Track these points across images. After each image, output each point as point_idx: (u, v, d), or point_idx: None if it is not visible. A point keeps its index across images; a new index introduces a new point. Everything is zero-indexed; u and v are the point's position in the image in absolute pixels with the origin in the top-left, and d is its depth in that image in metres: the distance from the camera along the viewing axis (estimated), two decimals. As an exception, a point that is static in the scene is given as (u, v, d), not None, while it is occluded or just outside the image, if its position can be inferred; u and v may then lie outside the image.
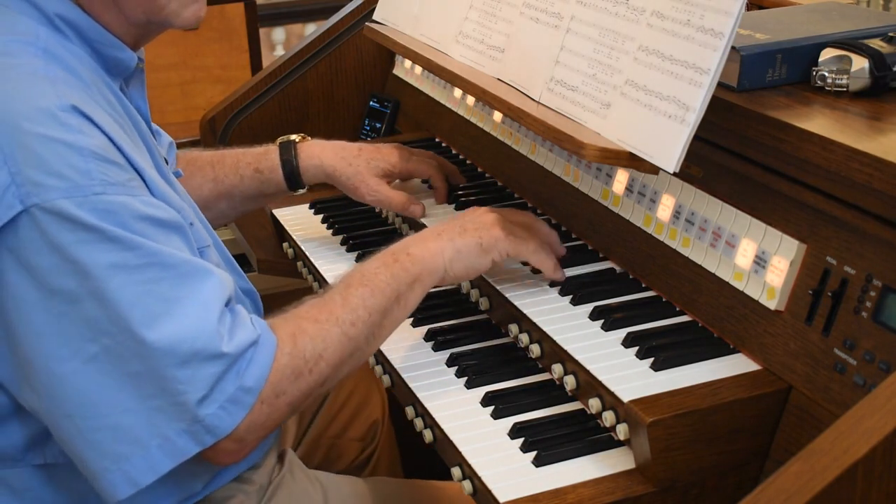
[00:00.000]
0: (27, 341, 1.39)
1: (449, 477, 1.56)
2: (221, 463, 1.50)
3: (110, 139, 1.43)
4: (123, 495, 1.42)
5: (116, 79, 1.59)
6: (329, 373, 1.53)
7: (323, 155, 2.06)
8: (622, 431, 1.47)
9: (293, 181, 2.06)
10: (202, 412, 1.41)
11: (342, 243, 2.18)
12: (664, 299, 1.71)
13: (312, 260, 2.13)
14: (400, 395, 1.75)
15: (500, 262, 1.73)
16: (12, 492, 1.54)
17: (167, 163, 1.74)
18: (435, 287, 1.70)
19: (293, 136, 2.09)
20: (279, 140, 2.09)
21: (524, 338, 1.71)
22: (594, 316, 1.68)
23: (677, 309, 1.68)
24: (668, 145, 1.49)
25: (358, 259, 2.08)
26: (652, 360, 1.54)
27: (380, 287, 1.59)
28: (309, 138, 2.10)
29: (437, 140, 2.48)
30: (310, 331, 1.52)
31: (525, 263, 1.82)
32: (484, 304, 1.85)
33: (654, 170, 1.52)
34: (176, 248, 1.44)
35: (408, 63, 2.65)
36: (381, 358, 1.79)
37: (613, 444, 1.51)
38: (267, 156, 2.06)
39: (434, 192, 2.15)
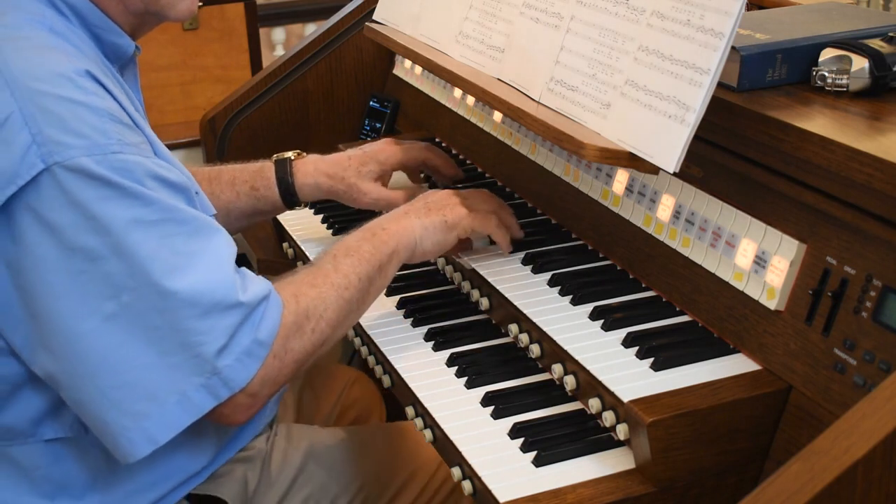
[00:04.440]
0: (46, 301, 1.41)
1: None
2: (236, 421, 1.53)
3: (120, 105, 1.49)
4: (143, 453, 1.45)
5: (114, 64, 1.64)
6: (329, 332, 1.61)
7: (317, 175, 2.08)
8: (622, 431, 1.47)
9: (289, 199, 2.09)
10: (220, 363, 1.45)
11: (342, 243, 2.18)
12: (664, 299, 1.71)
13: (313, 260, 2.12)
14: (400, 395, 1.75)
15: (464, 238, 1.85)
16: (19, 470, 1.56)
17: None
18: (409, 266, 1.79)
19: (288, 154, 2.11)
20: (275, 157, 2.11)
21: (524, 338, 1.71)
22: (594, 316, 1.68)
23: (677, 309, 1.68)
24: (668, 145, 1.49)
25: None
26: (652, 360, 1.54)
27: (365, 257, 1.69)
28: (304, 154, 2.11)
29: (437, 140, 2.48)
30: (310, 293, 1.60)
31: (493, 242, 1.91)
32: (484, 304, 1.85)
33: (654, 170, 1.52)
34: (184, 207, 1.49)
35: (408, 63, 2.65)
36: (380, 358, 1.79)
37: (613, 444, 1.51)
38: (262, 173, 2.09)
39: (436, 178, 2.17)
